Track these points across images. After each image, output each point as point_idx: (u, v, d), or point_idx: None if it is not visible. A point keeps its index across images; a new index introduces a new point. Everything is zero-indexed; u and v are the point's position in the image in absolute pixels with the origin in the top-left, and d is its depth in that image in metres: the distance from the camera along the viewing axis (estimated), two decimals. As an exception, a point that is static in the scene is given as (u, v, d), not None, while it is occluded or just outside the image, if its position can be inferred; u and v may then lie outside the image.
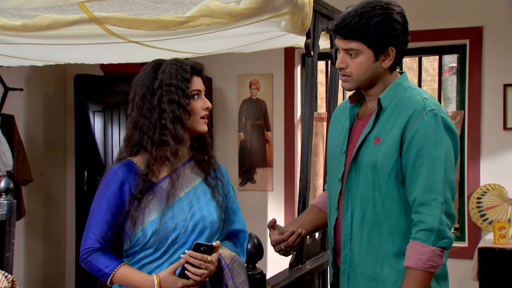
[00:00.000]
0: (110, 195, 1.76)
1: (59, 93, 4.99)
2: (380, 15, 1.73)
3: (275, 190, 4.56)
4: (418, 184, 1.71)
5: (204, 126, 1.85)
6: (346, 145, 1.87)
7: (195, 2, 2.14)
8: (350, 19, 1.73)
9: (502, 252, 3.55)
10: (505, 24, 3.94)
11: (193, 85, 1.82)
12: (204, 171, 1.86)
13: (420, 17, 4.10)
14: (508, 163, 3.94)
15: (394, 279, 1.77)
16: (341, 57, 1.80)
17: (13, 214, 2.88)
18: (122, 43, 2.65)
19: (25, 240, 4.60)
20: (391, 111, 1.79)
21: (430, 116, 1.73)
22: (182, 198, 1.79)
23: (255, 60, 4.41)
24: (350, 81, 1.82)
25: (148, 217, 1.73)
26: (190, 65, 1.83)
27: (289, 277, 2.45)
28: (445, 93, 6.26)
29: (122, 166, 1.79)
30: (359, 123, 1.87)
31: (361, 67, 1.78)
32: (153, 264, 1.76)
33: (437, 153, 1.71)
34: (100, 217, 1.75)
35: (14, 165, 4.07)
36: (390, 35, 1.75)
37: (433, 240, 1.69)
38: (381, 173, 1.76)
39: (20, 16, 2.18)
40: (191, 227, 1.76)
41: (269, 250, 4.56)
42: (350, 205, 1.83)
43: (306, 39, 2.57)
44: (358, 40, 1.74)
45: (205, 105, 1.84)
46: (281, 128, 4.54)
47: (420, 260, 1.69)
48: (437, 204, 1.69)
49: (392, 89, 1.81)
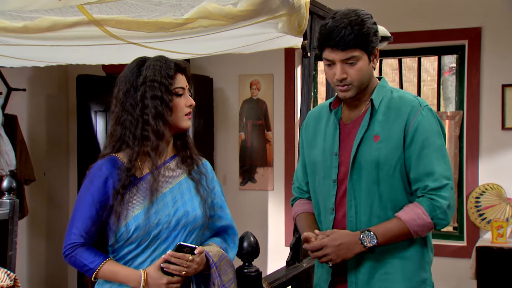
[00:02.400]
0: (94, 191, 1.77)
1: (62, 94, 5.03)
2: (363, 21, 1.84)
3: (275, 190, 4.59)
4: (427, 173, 1.83)
5: (187, 123, 1.85)
6: (338, 147, 1.94)
7: (193, 4, 2.17)
8: (343, 31, 1.81)
9: (500, 251, 3.57)
10: (503, 25, 3.96)
11: (177, 82, 1.83)
12: (188, 166, 1.88)
13: (419, 17, 4.12)
14: (506, 162, 3.96)
15: (400, 265, 1.88)
16: (341, 69, 1.86)
17: (15, 213, 2.92)
18: (121, 45, 2.68)
19: (28, 239, 4.65)
20: (385, 110, 1.89)
21: (427, 111, 1.88)
22: (166, 193, 1.80)
23: (256, 60, 4.43)
24: (352, 88, 1.88)
25: (131, 212, 1.75)
26: (174, 63, 1.84)
27: (285, 275, 2.46)
28: (445, 93, 6.27)
29: (106, 162, 1.81)
30: (348, 126, 1.95)
31: (361, 72, 1.86)
32: (136, 260, 1.77)
33: (440, 143, 1.86)
34: (84, 212, 1.76)
35: (17, 165, 4.11)
36: (375, 36, 1.88)
37: (435, 215, 1.81)
38: (386, 168, 1.85)
39: (21, 18, 2.21)
40: (174, 223, 1.78)
41: (269, 248, 4.61)
42: (353, 203, 1.90)
43: (303, 40, 2.60)
44: (357, 47, 1.83)
45: (188, 103, 1.85)
46: (281, 128, 4.57)
47: (414, 221, 1.81)
48: (447, 188, 1.83)
49: (379, 91, 1.93)
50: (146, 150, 1.79)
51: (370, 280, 1.89)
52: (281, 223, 4.57)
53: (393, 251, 1.89)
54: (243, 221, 4.13)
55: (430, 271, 1.96)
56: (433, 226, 1.84)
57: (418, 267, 1.91)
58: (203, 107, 4.55)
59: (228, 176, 4.66)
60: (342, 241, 1.84)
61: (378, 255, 1.88)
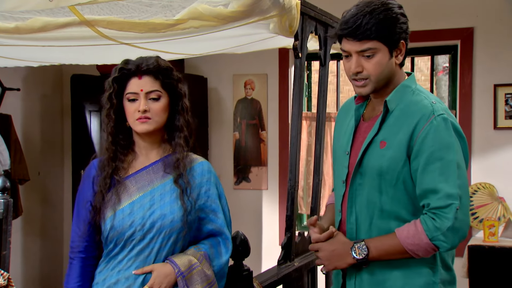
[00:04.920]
0: (85, 191, 1.86)
1: (56, 93, 5.03)
2: (388, 10, 1.70)
3: (269, 189, 4.61)
4: (431, 190, 1.66)
5: (140, 127, 1.80)
6: (350, 147, 1.82)
7: (184, 5, 2.17)
8: (361, 20, 1.68)
9: (491, 250, 3.58)
10: (495, 25, 3.98)
11: (129, 87, 1.81)
12: (175, 171, 1.84)
13: (413, 18, 4.07)
14: (498, 162, 3.98)
15: (401, 283, 1.73)
16: (356, 61, 1.72)
17: (9, 212, 2.91)
18: (114, 45, 2.69)
19: (22, 238, 4.65)
20: (398, 114, 1.73)
21: (439, 121, 1.68)
22: (145, 195, 1.81)
23: (250, 60, 4.44)
24: (368, 83, 1.74)
25: (109, 213, 1.79)
26: (125, 67, 1.81)
27: (277, 274, 2.46)
28: (439, 93, 6.29)
29: (94, 162, 1.88)
30: (365, 125, 1.82)
31: (379, 67, 1.71)
32: (116, 258, 1.80)
33: (449, 158, 1.66)
34: (80, 213, 1.86)
35: (11, 164, 4.10)
36: (401, 28, 1.72)
37: (434, 236, 1.65)
38: (388, 177, 1.71)
39: (13, 19, 2.21)
40: (148, 225, 1.77)
41: (263, 247, 4.63)
42: (354, 209, 1.79)
43: (294, 41, 2.60)
44: (374, 39, 1.68)
45: (139, 108, 1.79)
46: (275, 127, 4.58)
47: (408, 239, 1.67)
48: (451, 208, 1.64)
49: (399, 91, 1.76)
50: (116, 154, 1.84)
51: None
52: (275, 222, 4.58)
53: (394, 267, 1.74)
54: (237, 220, 4.11)
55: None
56: (434, 247, 1.66)
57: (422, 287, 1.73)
58: (197, 106, 4.56)
59: (222, 176, 4.67)
60: (336, 248, 1.75)
61: (379, 269, 1.75)
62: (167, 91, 1.83)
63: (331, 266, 1.77)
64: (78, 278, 1.83)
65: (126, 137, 1.87)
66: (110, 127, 1.84)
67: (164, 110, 1.83)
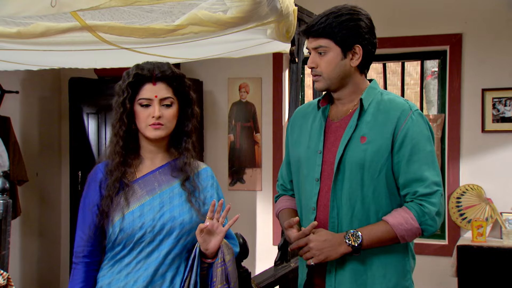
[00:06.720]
0: (91, 195, 1.84)
1: (54, 96, 5.06)
2: (346, 15, 1.83)
3: (263, 190, 4.66)
4: (417, 179, 1.78)
5: (152, 133, 1.82)
6: (322, 146, 1.90)
7: (184, 11, 2.19)
8: (318, 20, 1.84)
9: (479, 249, 3.64)
10: (483, 32, 4.06)
11: (142, 93, 1.82)
12: (183, 174, 1.86)
13: (403, 24, 4.22)
14: (486, 164, 4.05)
15: (382, 273, 1.83)
16: (312, 57, 1.87)
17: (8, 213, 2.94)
18: (114, 49, 2.72)
19: (21, 239, 4.66)
20: (374, 112, 1.85)
21: (417, 115, 1.83)
22: (155, 197, 1.82)
23: (245, 64, 4.50)
24: (321, 80, 1.87)
25: (117, 216, 1.78)
26: (139, 73, 1.81)
27: (274, 275, 2.49)
28: (427, 97, 6.37)
29: (101, 165, 1.87)
30: (335, 124, 1.91)
31: (330, 65, 1.84)
32: (123, 260, 1.80)
33: (429, 148, 1.81)
34: (85, 217, 1.83)
35: (10, 166, 4.11)
36: (356, 32, 1.83)
37: (423, 221, 1.77)
38: (371, 170, 1.80)
39: (15, 24, 2.24)
40: (158, 227, 1.78)
41: (258, 248, 4.67)
42: (335, 204, 1.85)
43: (291, 46, 2.66)
44: (326, 37, 1.82)
45: (152, 114, 1.81)
46: (269, 130, 4.64)
47: (401, 225, 1.77)
48: (437, 195, 1.78)
49: (369, 92, 1.89)
50: (126, 158, 1.83)
51: (350, 286, 1.84)
52: (269, 223, 4.64)
53: (375, 259, 1.83)
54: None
55: (411, 279, 1.92)
56: (420, 232, 1.79)
57: (400, 275, 1.86)
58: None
59: (217, 177, 4.71)
60: (327, 238, 1.79)
61: (359, 261, 1.83)
62: (178, 98, 1.85)
63: (322, 257, 1.79)
64: (82, 283, 1.82)
65: (134, 141, 1.87)
66: (122, 131, 1.82)
67: (175, 116, 1.85)
